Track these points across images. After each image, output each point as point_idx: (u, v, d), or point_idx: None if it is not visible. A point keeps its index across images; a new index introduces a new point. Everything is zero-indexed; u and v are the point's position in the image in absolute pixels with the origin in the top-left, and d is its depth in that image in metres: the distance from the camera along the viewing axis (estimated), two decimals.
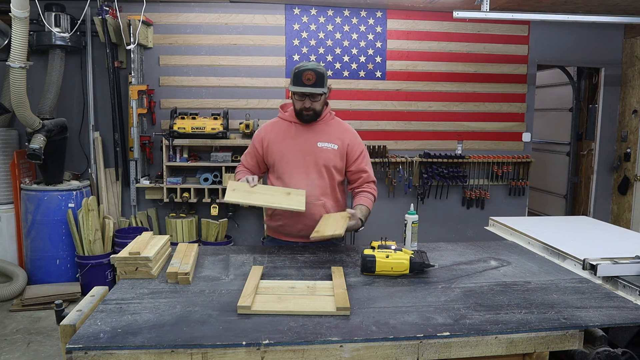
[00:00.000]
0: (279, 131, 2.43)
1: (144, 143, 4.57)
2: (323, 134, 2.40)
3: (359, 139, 2.49)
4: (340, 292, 1.68)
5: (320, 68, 2.26)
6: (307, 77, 2.23)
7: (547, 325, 1.51)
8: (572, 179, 5.92)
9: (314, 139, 2.38)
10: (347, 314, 1.54)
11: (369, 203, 2.40)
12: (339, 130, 2.44)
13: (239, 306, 1.55)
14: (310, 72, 2.23)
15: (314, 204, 2.34)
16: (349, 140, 2.42)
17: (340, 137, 2.41)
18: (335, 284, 1.77)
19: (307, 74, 2.23)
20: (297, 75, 2.25)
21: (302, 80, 2.24)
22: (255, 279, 1.79)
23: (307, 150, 2.37)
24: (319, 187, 2.37)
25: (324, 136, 2.39)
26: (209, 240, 4.57)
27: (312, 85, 2.25)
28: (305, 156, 2.36)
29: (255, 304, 1.59)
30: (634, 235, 2.54)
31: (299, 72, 2.25)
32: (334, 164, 2.38)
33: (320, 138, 2.39)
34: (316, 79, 2.24)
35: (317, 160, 2.36)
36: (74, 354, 1.31)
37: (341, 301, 1.59)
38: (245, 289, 1.69)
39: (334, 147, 2.38)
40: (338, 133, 2.43)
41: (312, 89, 2.26)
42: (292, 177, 2.36)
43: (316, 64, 2.28)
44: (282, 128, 2.43)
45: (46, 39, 4.19)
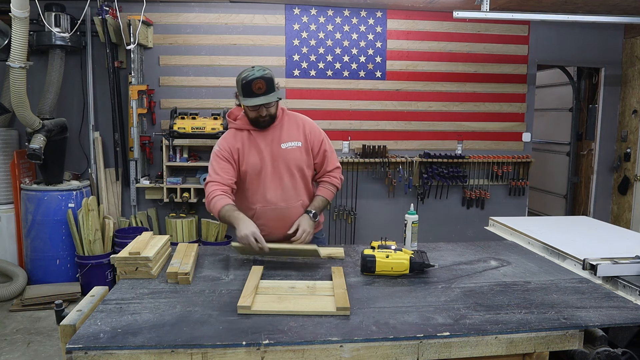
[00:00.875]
0: (243, 141, 2.29)
1: (144, 143, 4.57)
2: (283, 133, 2.30)
3: (317, 127, 2.41)
4: (340, 292, 1.68)
5: (267, 73, 2.14)
6: (257, 87, 2.11)
7: (547, 325, 1.51)
8: (572, 179, 5.92)
9: (277, 142, 2.28)
10: (347, 314, 1.54)
11: (327, 194, 2.37)
12: (296, 124, 2.35)
13: (239, 306, 1.55)
14: (259, 80, 2.10)
15: (294, 206, 2.31)
16: (309, 131, 2.35)
17: (300, 131, 2.33)
18: (335, 284, 1.76)
19: (257, 82, 2.10)
20: (246, 87, 2.12)
21: (253, 90, 2.11)
22: (255, 279, 1.78)
23: (274, 156, 2.28)
24: (293, 189, 2.32)
25: (285, 135, 2.30)
26: (209, 240, 4.57)
27: (265, 93, 2.12)
28: (273, 162, 2.28)
29: (255, 304, 1.59)
30: (634, 235, 2.54)
31: (247, 83, 2.11)
32: (302, 161, 2.32)
33: (282, 139, 2.29)
34: (267, 86, 2.11)
35: (286, 162, 2.28)
36: (74, 354, 1.31)
37: (341, 301, 1.59)
38: (245, 289, 1.68)
39: (298, 144, 2.31)
40: (297, 127, 2.34)
41: (267, 98, 2.13)
42: (266, 187, 2.28)
43: (262, 70, 2.14)
44: (244, 138, 2.29)
45: (46, 39, 4.19)
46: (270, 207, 2.30)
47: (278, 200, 2.30)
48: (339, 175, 2.43)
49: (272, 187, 2.29)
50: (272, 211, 2.31)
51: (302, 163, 2.32)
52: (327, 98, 4.87)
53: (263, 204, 2.31)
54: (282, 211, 2.30)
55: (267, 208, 2.31)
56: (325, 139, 2.41)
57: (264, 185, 2.29)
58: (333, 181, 2.40)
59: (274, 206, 2.30)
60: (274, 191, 2.29)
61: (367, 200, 5.02)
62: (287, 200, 2.30)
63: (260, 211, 2.31)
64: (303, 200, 2.35)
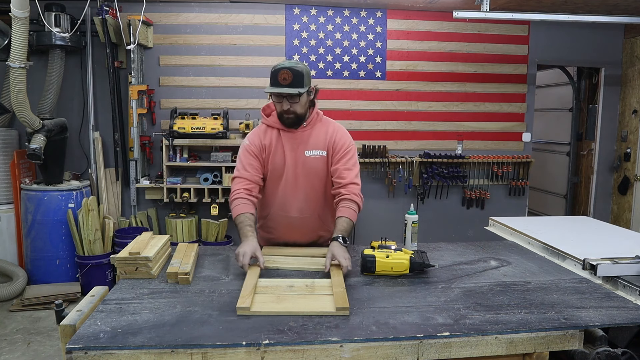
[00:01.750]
0: (272, 139, 2.20)
1: (144, 143, 4.57)
2: (310, 140, 2.19)
3: (347, 137, 2.25)
4: (339, 290, 1.66)
5: (298, 66, 2.06)
6: (282, 77, 2.03)
7: (547, 325, 1.51)
8: (572, 179, 5.92)
9: (302, 148, 2.18)
10: (346, 314, 1.54)
11: (351, 214, 2.11)
12: (326, 132, 2.22)
13: (238, 307, 1.53)
14: (286, 70, 2.03)
15: (308, 218, 2.23)
16: (335, 139, 2.20)
17: (326, 139, 2.21)
18: (333, 282, 1.75)
19: (283, 72, 2.03)
20: (273, 75, 2.05)
21: (278, 80, 2.04)
22: (253, 278, 1.76)
23: (296, 162, 2.18)
24: (311, 201, 2.22)
25: (311, 143, 2.19)
26: (209, 240, 4.57)
27: (289, 85, 2.03)
28: (295, 169, 2.18)
29: (255, 304, 1.57)
30: (634, 235, 2.54)
31: (275, 72, 2.05)
32: (324, 173, 2.21)
33: (307, 146, 2.19)
34: (293, 78, 2.03)
35: (307, 172, 2.18)
36: (74, 354, 1.31)
37: (340, 301, 1.58)
38: (244, 289, 1.66)
39: (322, 154, 2.19)
40: (324, 135, 2.21)
41: (288, 89, 2.04)
42: (284, 192, 2.21)
43: (295, 62, 2.08)
44: (273, 136, 2.21)
45: (46, 39, 4.19)
46: (284, 214, 2.24)
47: (293, 210, 2.22)
48: (359, 193, 2.17)
49: (291, 195, 2.21)
50: (285, 219, 2.24)
51: (323, 174, 2.22)
52: (327, 98, 4.87)
53: (278, 209, 2.24)
54: (295, 221, 2.24)
55: (281, 214, 2.25)
56: (351, 151, 2.22)
57: (283, 191, 2.22)
58: (354, 198, 2.13)
59: (288, 214, 2.23)
60: (291, 200, 2.21)
61: (367, 200, 4.94)
62: (302, 211, 2.22)
63: (274, 215, 2.26)
64: (319, 213, 2.26)
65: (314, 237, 2.31)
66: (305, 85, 2.09)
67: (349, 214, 2.10)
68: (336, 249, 1.93)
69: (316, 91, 2.22)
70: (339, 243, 1.98)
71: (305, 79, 2.08)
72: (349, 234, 2.08)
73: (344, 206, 2.12)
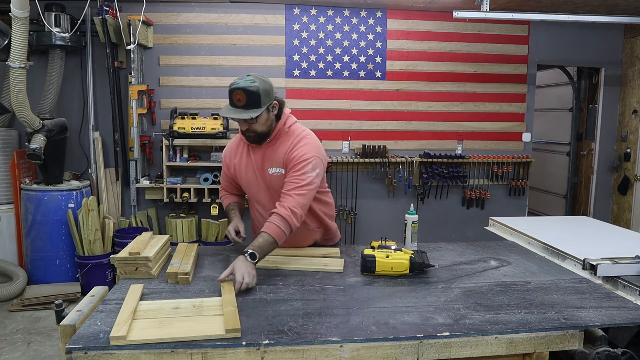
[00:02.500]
0: (242, 154, 2.19)
1: (144, 143, 4.57)
2: (273, 157, 2.09)
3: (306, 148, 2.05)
4: (230, 310, 1.50)
5: (253, 86, 1.91)
6: (236, 98, 1.92)
7: (547, 325, 1.51)
8: (572, 179, 5.92)
9: (266, 165, 2.11)
10: (238, 336, 1.38)
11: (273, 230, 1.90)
12: (287, 148, 2.07)
13: (112, 337, 1.33)
14: (239, 91, 1.90)
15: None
16: (291, 153, 2.05)
17: (286, 154, 2.07)
18: (224, 301, 1.57)
19: (237, 94, 1.91)
20: (229, 95, 1.94)
21: (233, 100, 1.94)
22: (132, 302, 1.56)
23: (259, 181, 2.15)
24: None
25: (274, 159, 2.09)
26: (209, 240, 4.57)
27: (243, 106, 1.92)
28: (259, 188, 2.17)
29: (132, 332, 1.38)
30: (634, 235, 2.54)
31: (230, 91, 1.94)
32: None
33: (271, 162, 2.10)
34: (247, 100, 1.91)
35: (269, 190, 2.14)
36: (74, 354, 1.31)
37: (230, 322, 1.42)
38: (120, 314, 1.46)
39: (281, 171, 2.08)
40: (284, 151, 2.07)
41: (240, 114, 1.92)
42: (256, 208, 2.26)
43: (251, 80, 1.93)
44: (244, 150, 2.19)
45: (46, 39, 4.19)
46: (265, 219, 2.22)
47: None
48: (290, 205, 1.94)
49: (261, 211, 2.23)
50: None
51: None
52: (327, 98, 4.87)
53: (261, 213, 2.26)
54: None
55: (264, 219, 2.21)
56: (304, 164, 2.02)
57: (259, 202, 2.24)
58: (280, 211, 1.94)
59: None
60: (262, 214, 2.22)
61: (367, 200, 5.02)
62: None
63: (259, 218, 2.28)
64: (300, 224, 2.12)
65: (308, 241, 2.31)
66: (263, 105, 1.95)
67: (270, 229, 1.91)
68: (238, 264, 1.79)
69: (280, 106, 2.08)
70: (245, 258, 1.82)
71: (263, 98, 1.94)
72: (262, 250, 1.88)
73: (270, 221, 1.94)
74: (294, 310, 1.59)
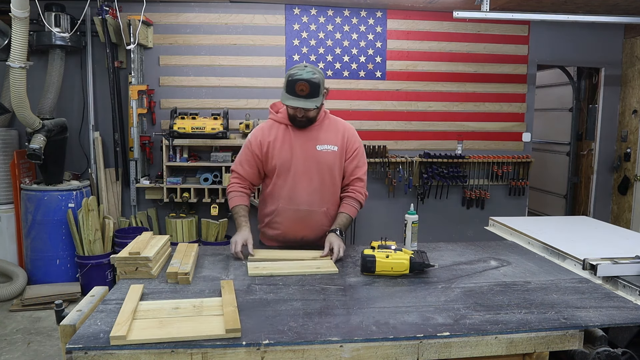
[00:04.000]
0: (277, 135, 2.27)
1: (144, 143, 4.58)
2: (321, 135, 2.27)
3: (357, 135, 2.37)
4: (230, 310, 1.50)
5: (315, 78, 2.09)
6: (300, 88, 2.07)
7: (547, 325, 1.51)
8: (572, 179, 5.92)
9: (313, 142, 2.25)
10: (238, 336, 1.39)
11: (351, 210, 2.30)
12: (336, 129, 2.31)
13: (112, 337, 1.33)
14: (303, 83, 2.07)
15: (317, 211, 2.28)
16: (347, 137, 2.31)
17: (339, 136, 2.29)
18: (224, 301, 1.58)
19: (300, 84, 2.07)
20: (290, 85, 2.09)
21: (295, 90, 2.09)
22: (132, 302, 1.55)
23: (307, 156, 2.24)
24: (320, 194, 2.27)
25: (322, 138, 2.27)
26: (209, 240, 4.57)
27: (305, 97, 2.09)
28: (305, 161, 2.24)
29: (133, 332, 1.37)
30: (634, 235, 2.54)
31: (292, 82, 2.09)
32: (335, 166, 2.28)
33: (319, 140, 2.26)
34: (310, 90, 2.08)
35: (318, 165, 2.25)
36: (74, 354, 1.31)
37: (231, 322, 1.42)
38: (121, 314, 1.46)
39: (334, 148, 2.27)
40: (336, 132, 2.30)
41: (305, 103, 2.10)
42: (294, 185, 2.25)
43: (312, 72, 2.11)
44: (279, 131, 2.28)
45: (46, 39, 4.19)
46: (293, 207, 2.27)
47: (302, 203, 2.26)
48: (363, 190, 2.36)
49: (300, 187, 2.25)
50: (294, 212, 2.28)
51: (335, 168, 2.28)
52: (327, 98, 4.84)
53: (286, 203, 2.28)
54: (304, 214, 2.27)
55: (289, 208, 2.28)
56: (361, 149, 2.36)
57: (292, 184, 2.26)
58: (358, 197, 2.33)
59: (297, 207, 2.27)
60: (300, 192, 2.26)
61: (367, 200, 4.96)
62: (311, 204, 2.26)
63: (282, 209, 2.29)
64: (328, 207, 2.30)
65: (321, 233, 2.33)
66: (321, 94, 2.15)
67: (350, 211, 2.30)
68: (333, 239, 2.13)
69: (327, 93, 2.27)
70: (336, 235, 2.16)
71: (321, 89, 2.14)
72: (346, 228, 2.27)
73: (347, 203, 2.31)
74: (294, 310, 1.59)
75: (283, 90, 2.15)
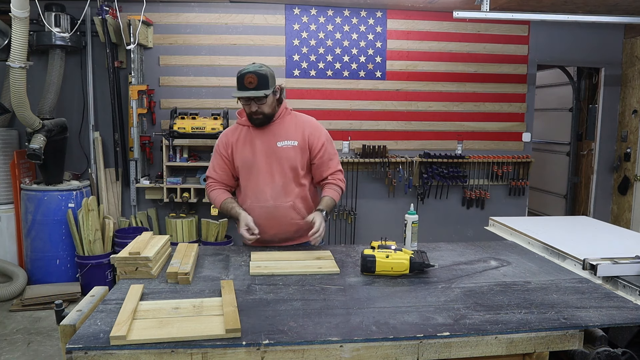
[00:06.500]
0: (239, 136, 2.38)
1: (144, 143, 4.58)
2: (281, 132, 2.35)
3: (320, 129, 2.42)
4: (230, 310, 1.50)
5: (262, 70, 2.21)
6: (248, 81, 2.18)
7: (547, 325, 1.51)
8: (572, 179, 5.92)
9: (273, 140, 2.33)
10: (238, 336, 1.38)
11: (334, 195, 2.39)
12: (296, 125, 2.38)
13: (112, 337, 1.33)
14: (251, 75, 2.18)
15: (283, 206, 2.33)
16: (309, 133, 2.37)
17: (299, 131, 2.36)
18: (224, 301, 1.58)
19: (248, 77, 2.18)
20: (239, 80, 2.20)
21: (244, 84, 2.19)
22: (133, 302, 1.55)
23: (268, 152, 2.32)
24: (284, 189, 2.33)
25: (282, 134, 2.34)
26: (209, 240, 4.57)
27: (254, 88, 2.18)
28: (267, 158, 2.32)
29: (133, 332, 1.37)
30: (634, 235, 2.54)
31: (241, 76, 2.20)
32: (296, 161, 2.34)
33: (279, 137, 2.33)
34: (258, 81, 2.18)
35: (279, 160, 2.32)
36: (74, 354, 1.31)
37: (231, 322, 1.42)
38: (121, 314, 1.46)
39: (293, 143, 2.34)
40: (296, 128, 2.37)
41: (253, 93, 2.19)
42: (257, 182, 2.34)
43: (259, 66, 2.23)
44: (242, 133, 2.38)
45: (46, 39, 4.19)
46: (260, 204, 2.34)
47: (268, 199, 2.33)
48: (342, 177, 2.46)
49: (263, 184, 2.33)
50: (261, 209, 2.33)
51: (297, 163, 2.34)
52: (327, 98, 4.87)
53: (253, 200, 2.35)
54: (271, 210, 2.33)
55: (256, 205, 2.34)
56: (328, 141, 2.42)
57: (255, 181, 2.35)
58: (338, 182, 2.42)
59: (263, 204, 2.33)
60: (264, 189, 2.33)
61: (367, 200, 5.02)
62: (276, 199, 2.33)
63: (250, 207, 2.34)
64: (294, 202, 2.35)
65: (293, 227, 2.36)
66: (271, 87, 2.23)
67: (333, 195, 2.40)
68: (317, 216, 2.25)
69: (281, 90, 2.37)
70: (320, 213, 2.27)
71: (270, 81, 2.22)
72: (330, 209, 2.37)
73: (329, 188, 2.41)
74: (294, 310, 1.59)
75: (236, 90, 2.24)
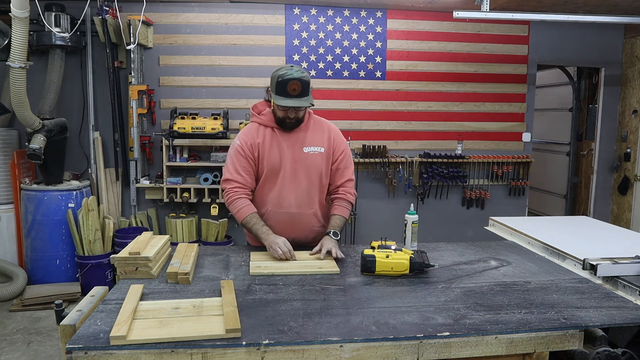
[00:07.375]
0: (265, 137, 2.23)
1: (144, 143, 4.57)
2: (307, 137, 2.25)
3: (341, 134, 2.37)
4: (230, 310, 1.50)
5: (305, 76, 2.09)
6: (292, 88, 2.05)
7: (547, 325, 1.51)
8: (572, 179, 5.92)
9: (300, 145, 2.23)
10: (238, 336, 1.39)
11: (345, 212, 2.30)
12: (322, 129, 2.30)
13: (112, 337, 1.33)
14: (295, 82, 2.05)
15: (306, 213, 2.27)
16: (334, 137, 2.30)
17: (324, 137, 2.28)
18: (224, 301, 1.58)
19: (293, 84, 2.05)
20: (281, 85, 2.07)
21: (287, 90, 2.06)
22: (132, 302, 1.56)
23: (295, 158, 2.22)
24: (309, 196, 2.26)
25: (308, 140, 2.25)
26: (209, 240, 4.57)
27: (298, 96, 2.08)
28: (293, 164, 2.22)
29: (133, 332, 1.38)
30: (634, 235, 2.55)
31: (283, 82, 2.06)
32: (322, 168, 2.27)
33: (305, 142, 2.24)
34: (302, 89, 2.07)
35: (306, 167, 2.24)
36: (74, 354, 1.31)
37: (231, 322, 1.42)
38: (121, 314, 1.46)
39: (320, 150, 2.26)
40: (322, 133, 2.29)
41: (299, 102, 2.09)
42: (282, 187, 2.23)
43: (300, 71, 2.10)
44: (266, 134, 2.24)
45: (46, 39, 4.19)
46: (282, 210, 2.25)
47: (291, 205, 2.25)
48: (352, 191, 2.36)
49: (288, 190, 2.24)
50: (283, 215, 2.26)
51: (322, 170, 2.27)
52: (327, 98, 4.87)
53: (275, 206, 2.26)
54: (293, 216, 2.26)
55: (278, 211, 2.26)
56: (347, 149, 2.36)
57: (280, 187, 2.24)
58: (348, 197, 2.33)
59: (286, 210, 2.25)
60: (289, 195, 2.24)
61: (367, 200, 5.01)
62: (300, 206, 2.26)
63: (271, 213, 2.27)
64: (315, 209, 2.30)
65: (311, 234, 2.33)
66: (310, 93, 2.14)
67: (343, 212, 2.30)
68: (326, 242, 2.15)
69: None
70: (330, 237, 2.18)
71: (310, 87, 2.14)
72: (340, 229, 2.26)
73: (339, 204, 2.32)
74: (294, 310, 1.59)
75: (273, 93, 2.12)
